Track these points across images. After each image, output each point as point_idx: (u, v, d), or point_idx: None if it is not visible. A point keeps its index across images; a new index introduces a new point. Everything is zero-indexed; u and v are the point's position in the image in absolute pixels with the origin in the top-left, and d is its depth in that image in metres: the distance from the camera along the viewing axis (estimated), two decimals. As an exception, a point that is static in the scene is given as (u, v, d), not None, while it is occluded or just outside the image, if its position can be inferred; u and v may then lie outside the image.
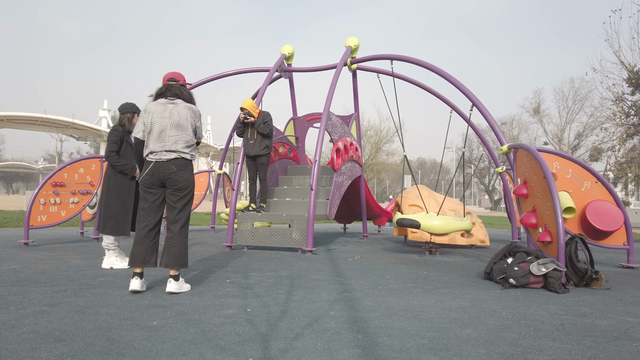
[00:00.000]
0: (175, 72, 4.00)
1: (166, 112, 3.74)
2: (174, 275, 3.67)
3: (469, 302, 3.56)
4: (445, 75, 6.89)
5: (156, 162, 3.70)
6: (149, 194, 3.76)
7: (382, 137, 41.60)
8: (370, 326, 2.80)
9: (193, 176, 3.86)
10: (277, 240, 6.65)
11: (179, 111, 3.76)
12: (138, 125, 3.79)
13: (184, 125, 3.75)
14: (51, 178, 7.25)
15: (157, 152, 3.70)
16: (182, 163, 3.74)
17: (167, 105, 3.77)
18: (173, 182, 3.72)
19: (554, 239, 4.38)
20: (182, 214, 3.79)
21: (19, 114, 48.30)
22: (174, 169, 3.70)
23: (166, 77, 3.93)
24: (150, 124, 3.72)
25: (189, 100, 3.89)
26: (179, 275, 3.70)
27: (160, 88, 3.88)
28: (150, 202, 3.77)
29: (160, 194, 3.79)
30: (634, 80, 18.26)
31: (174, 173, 3.70)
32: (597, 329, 2.85)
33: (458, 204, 8.31)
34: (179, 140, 3.72)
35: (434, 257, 6.46)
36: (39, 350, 2.25)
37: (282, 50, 8.90)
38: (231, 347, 2.37)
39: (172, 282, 3.65)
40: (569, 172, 5.62)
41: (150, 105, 3.82)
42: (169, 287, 3.63)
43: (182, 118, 3.75)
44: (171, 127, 3.71)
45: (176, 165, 3.71)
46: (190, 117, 3.80)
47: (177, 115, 3.74)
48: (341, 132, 7.79)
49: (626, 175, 20.33)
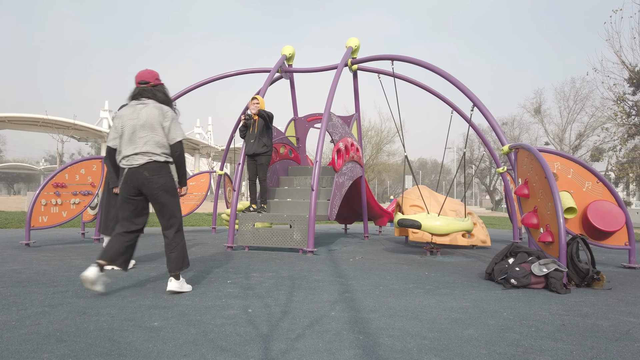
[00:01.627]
0: (145, 71, 3.77)
1: (135, 113, 3.60)
2: (176, 274, 3.66)
3: (470, 302, 3.55)
4: (446, 75, 6.89)
5: (129, 169, 3.57)
6: (127, 204, 3.63)
7: (383, 138, 41.60)
8: (372, 327, 2.80)
9: (170, 179, 3.67)
10: (278, 241, 6.65)
11: (148, 111, 3.59)
12: (111, 132, 3.68)
13: (153, 125, 3.58)
14: (52, 179, 7.26)
15: (129, 157, 3.57)
16: (154, 167, 3.57)
17: (136, 107, 3.63)
18: (149, 191, 3.58)
19: (555, 239, 4.37)
20: (173, 219, 3.69)
21: (20, 115, 48.42)
22: (147, 175, 3.54)
23: (137, 78, 3.73)
24: (122, 128, 3.61)
25: (163, 101, 3.71)
26: (179, 274, 3.69)
27: (132, 91, 3.73)
28: (130, 212, 3.64)
29: (139, 202, 3.65)
30: (635, 80, 18.24)
31: (148, 180, 3.55)
32: (598, 329, 2.85)
33: (459, 204, 8.31)
34: (149, 141, 3.56)
35: (435, 258, 6.46)
36: (40, 351, 2.25)
37: (282, 51, 8.91)
38: (232, 347, 2.37)
39: (172, 281, 3.63)
40: (570, 172, 5.61)
41: (122, 109, 3.72)
42: (170, 286, 3.62)
43: (151, 117, 3.58)
44: (140, 128, 3.56)
45: (149, 171, 3.55)
46: (159, 116, 3.60)
47: (145, 115, 3.58)
48: (342, 133, 7.79)
49: (627, 176, 20.29)
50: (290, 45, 9.03)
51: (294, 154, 9.28)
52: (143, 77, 3.70)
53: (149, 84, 3.70)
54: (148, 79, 3.70)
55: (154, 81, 3.72)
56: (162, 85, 3.79)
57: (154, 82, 3.72)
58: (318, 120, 9.57)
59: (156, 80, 3.75)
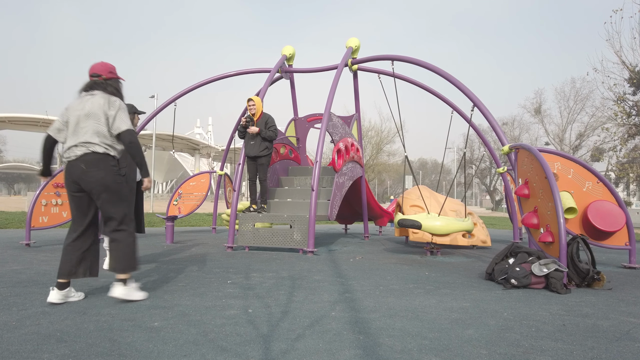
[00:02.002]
0: (99, 64, 3.56)
1: (81, 104, 3.41)
2: (122, 279, 3.37)
3: (470, 302, 3.55)
4: (446, 75, 6.89)
5: (68, 162, 3.37)
6: (72, 199, 3.40)
7: (383, 138, 41.63)
8: (372, 327, 2.80)
9: (111, 173, 3.37)
10: (278, 241, 6.65)
11: (93, 101, 3.39)
12: (55, 122, 3.49)
13: (97, 114, 3.35)
14: (53, 179, 7.26)
15: (69, 149, 3.36)
16: (92, 159, 3.30)
17: (84, 98, 3.44)
18: (86, 185, 3.32)
19: (555, 240, 4.37)
20: (115, 215, 3.39)
21: (21, 115, 48.44)
22: (84, 168, 3.28)
23: (90, 71, 3.54)
24: (67, 119, 3.42)
25: (113, 93, 3.50)
26: (127, 279, 3.39)
27: (84, 83, 3.52)
28: (76, 210, 3.41)
29: (82, 199, 3.39)
30: (635, 80, 18.24)
31: (84, 173, 3.29)
32: (599, 329, 2.84)
33: (459, 204, 8.31)
34: (89, 130, 3.32)
35: (435, 258, 6.45)
36: (41, 352, 2.25)
37: (283, 51, 8.91)
38: (233, 348, 2.37)
39: (116, 286, 3.36)
40: (571, 173, 5.61)
41: (71, 101, 3.51)
42: (113, 292, 3.36)
43: (95, 106, 3.36)
44: (84, 117, 3.35)
45: (86, 163, 3.29)
46: (104, 105, 3.37)
47: (90, 105, 3.37)
48: (342, 133, 7.80)
49: (628, 176, 20.30)
50: (290, 46, 9.03)
51: (294, 154, 9.28)
52: (95, 70, 3.52)
53: (101, 77, 3.50)
54: (100, 72, 3.51)
55: (107, 74, 3.53)
56: (116, 79, 3.59)
57: (107, 76, 3.52)
58: (318, 121, 9.57)
59: (109, 73, 3.54)
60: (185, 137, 64.96)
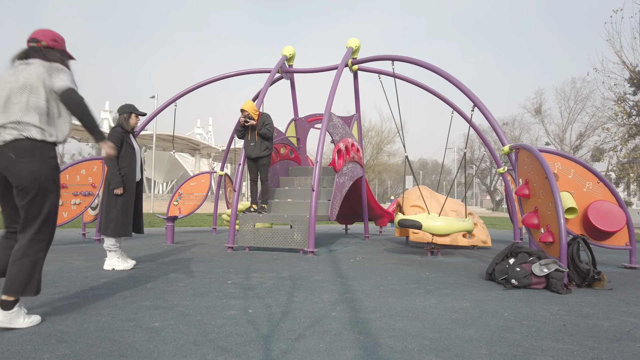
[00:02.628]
0: (40, 30, 2.90)
1: (14, 75, 2.73)
2: (6, 301, 2.59)
3: (470, 302, 3.55)
4: (446, 75, 6.89)
5: None
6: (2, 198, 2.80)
7: (384, 138, 41.68)
8: (372, 327, 2.80)
9: (47, 166, 2.69)
10: (278, 241, 6.65)
11: (30, 70, 2.72)
12: None
13: (33, 85, 2.68)
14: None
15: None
16: (24, 147, 2.63)
17: (17, 67, 2.77)
18: (12, 178, 2.63)
19: (556, 240, 4.37)
20: (38, 217, 2.68)
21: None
22: (12, 157, 2.61)
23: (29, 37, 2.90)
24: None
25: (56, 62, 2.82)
26: (14, 302, 2.61)
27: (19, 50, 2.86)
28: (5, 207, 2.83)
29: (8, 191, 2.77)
30: (636, 81, 18.25)
31: (12, 163, 2.61)
32: (599, 329, 2.84)
33: (460, 204, 8.30)
34: (24, 107, 2.65)
35: (435, 258, 6.45)
36: (41, 352, 2.25)
37: (283, 52, 8.92)
38: (233, 348, 2.37)
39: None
40: (571, 173, 5.61)
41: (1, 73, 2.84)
42: None
43: (33, 76, 2.70)
44: (18, 90, 2.68)
45: (15, 151, 2.62)
46: (43, 74, 2.71)
47: (26, 75, 2.71)
48: (342, 133, 7.80)
49: (628, 176, 20.29)
50: (290, 46, 9.04)
51: (294, 154, 9.28)
52: (35, 35, 2.86)
53: (41, 42, 2.84)
54: (41, 37, 2.85)
55: (50, 42, 2.86)
56: (63, 51, 2.94)
57: (49, 43, 2.85)
58: (318, 121, 9.58)
59: (53, 41, 2.88)
60: (185, 137, 64.97)
